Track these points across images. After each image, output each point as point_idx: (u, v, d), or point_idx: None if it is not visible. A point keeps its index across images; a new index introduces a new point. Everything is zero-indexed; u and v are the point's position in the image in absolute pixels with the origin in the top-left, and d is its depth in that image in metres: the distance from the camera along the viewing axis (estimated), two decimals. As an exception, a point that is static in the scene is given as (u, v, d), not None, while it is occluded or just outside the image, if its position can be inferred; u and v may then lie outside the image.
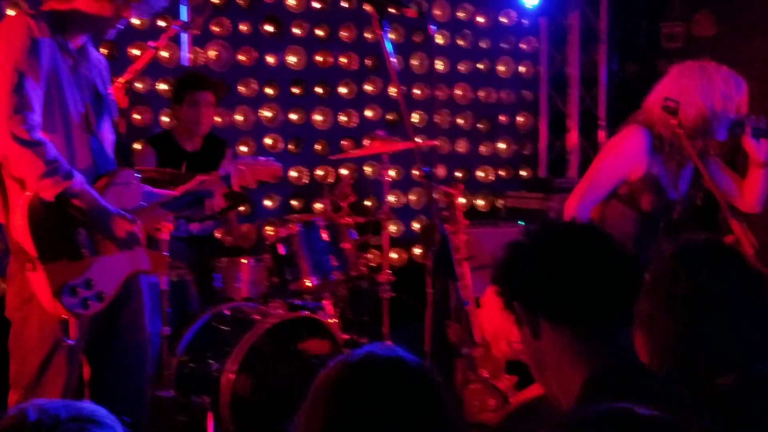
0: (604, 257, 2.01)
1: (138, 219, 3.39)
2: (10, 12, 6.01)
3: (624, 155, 4.07)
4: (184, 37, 5.16)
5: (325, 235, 5.25)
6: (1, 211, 3.32)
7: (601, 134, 8.01)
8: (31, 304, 3.26)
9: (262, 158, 4.23)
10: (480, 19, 7.96)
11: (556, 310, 1.99)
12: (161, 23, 6.24)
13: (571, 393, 1.94)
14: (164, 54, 6.39)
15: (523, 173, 8.24)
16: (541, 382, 2.08)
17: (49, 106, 3.27)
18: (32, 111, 3.18)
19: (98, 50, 3.75)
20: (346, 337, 5.14)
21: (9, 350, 3.39)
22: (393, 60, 3.25)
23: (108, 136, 3.55)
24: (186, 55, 4.73)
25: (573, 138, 8.09)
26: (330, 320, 5.15)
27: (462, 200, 5.69)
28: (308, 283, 5.19)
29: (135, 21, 5.78)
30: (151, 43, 4.51)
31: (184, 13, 4.60)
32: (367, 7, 7.18)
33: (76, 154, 3.32)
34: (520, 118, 8.18)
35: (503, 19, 8.04)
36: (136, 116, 6.47)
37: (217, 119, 6.75)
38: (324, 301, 5.35)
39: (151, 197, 3.62)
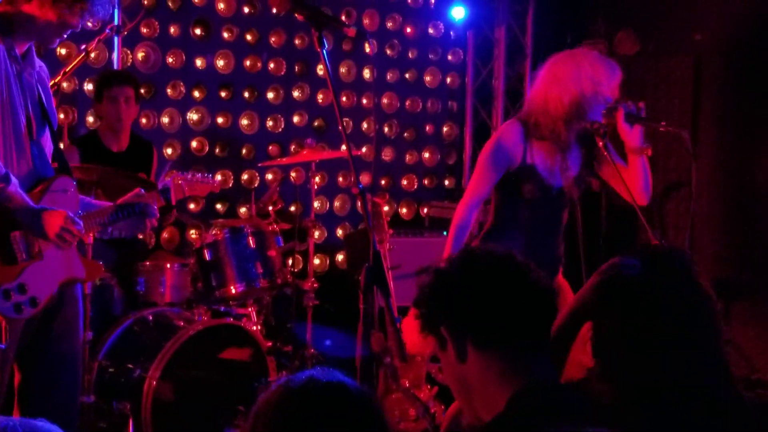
0: (526, 283, 2.07)
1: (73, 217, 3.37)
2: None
3: (498, 148, 4.15)
4: (116, 40, 5.13)
5: (251, 242, 5.26)
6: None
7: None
8: None
9: (199, 175, 4.24)
10: (408, 30, 8.05)
11: (483, 334, 2.04)
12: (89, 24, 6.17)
13: (495, 413, 2.00)
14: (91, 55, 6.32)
15: (447, 183, 8.35)
16: (464, 404, 2.12)
17: None
18: None
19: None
20: (269, 344, 5.15)
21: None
22: (329, 73, 3.27)
23: (48, 143, 3.53)
24: (117, 57, 4.71)
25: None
26: (254, 327, 5.17)
27: (386, 208, 5.77)
28: (233, 290, 5.20)
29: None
30: (83, 46, 4.50)
31: (117, 17, 4.58)
32: (298, 16, 7.30)
33: (16, 160, 3.30)
34: (445, 128, 8.29)
35: (431, 31, 8.14)
36: (61, 116, 6.39)
37: (143, 120, 6.73)
38: (248, 308, 5.36)
39: (88, 207, 3.60)
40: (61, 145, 5.86)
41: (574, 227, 6.81)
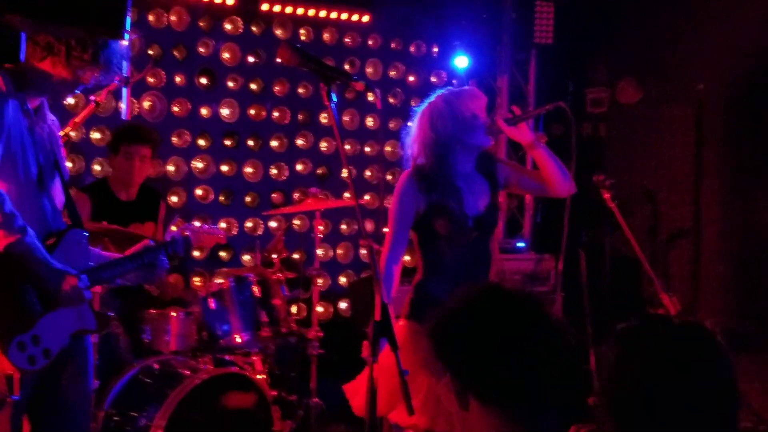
0: (535, 336, 2.03)
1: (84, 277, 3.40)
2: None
3: (401, 198, 4.22)
4: (124, 91, 5.15)
5: (256, 291, 5.27)
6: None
7: (528, 195, 8.18)
8: None
9: (206, 226, 4.26)
10: (411, 79, 8.13)
11: (484, 391, 2.01)
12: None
13: None
14: (98, 103, 6.38)
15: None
16: None
17: (4, 161, 3.27)
18: None
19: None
20: (274, 393, 5.15)
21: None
22: (336, 124, 3.30)
23: (59, 196, 3.56)
24: (125, 108, 4.75)
25: (499, 196, 8.23)
26: (259, 376, 5.16)
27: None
28: (238, 339, 5.21)
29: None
30: (92, 97, 4.55)
31: (125, 69, 4.61)
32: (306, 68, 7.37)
33: (28, 212, 3.32)
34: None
35: (434, 79, 8.21)
36: (69, 164, 6.43)
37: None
38: (253, 357, 5.36)
39: (99, 258, 3.62)
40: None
41: (578, 279, 6.84)
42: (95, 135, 6.60)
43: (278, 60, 3.33)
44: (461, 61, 7.92)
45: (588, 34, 8.20)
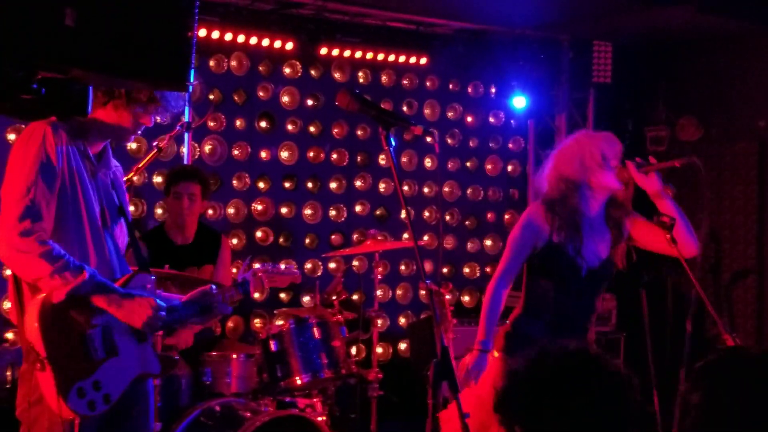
0: (598, 384, 2.06)
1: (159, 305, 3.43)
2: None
3: (524, 228, 4.22)
4: (186, 136, 5.28)
5: (316, 333, 5.28)
6: (16, 312, 3.37)
7: (587, 234, 8.13)
8: (41, 405, 3.27)
9: (282, 266, 4.27)
10: (469, 119, 8.16)
11: None
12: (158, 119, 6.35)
13: None
14: (160, 148, 6.49)
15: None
16: None
17: (64, 209, 3.33)
18: (40, 219, 3.24)
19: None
20: (334, 435, 5.14)
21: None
22: (395, 168, 3.32)
23: (122, 238, 3.61)
24: (187, 152, 4.84)
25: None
26: (319, 418, 5.16)
27: (449, 297, 5.77)
28: (298, 381, 5.21)
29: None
30: (155, 143, 4.63)
31: (187, 114, 4.72)
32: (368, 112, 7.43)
33: (91, 257, 3.37)
34: (506, 216, 8.31)
35: (492, 120, 8.24)
36: (132, 208, 6.54)
37: (209, 212, 6.85)
38: (313, 399, 5.36)
39: (165, 301, 3.65)
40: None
41: (640, 319, 6.75)
42: (157, 179, 6.71)
43: (340, 107, 3.36)
44: (519, 101, 7.93)
45: (647, 73, 8.17)
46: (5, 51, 1.62)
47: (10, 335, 6.12)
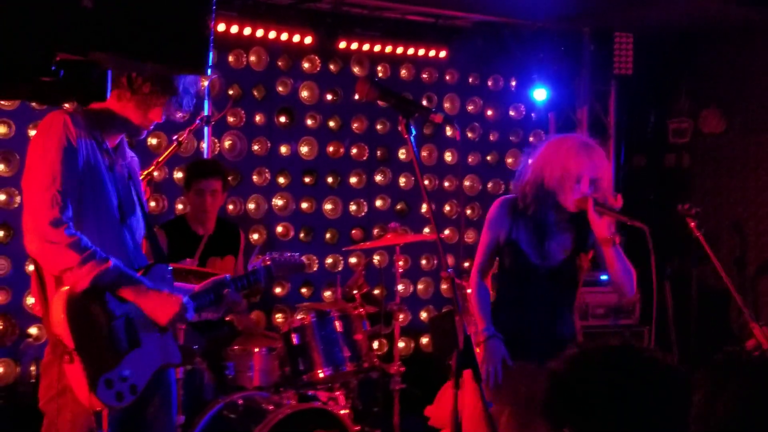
0: (643, 377, 2.06)
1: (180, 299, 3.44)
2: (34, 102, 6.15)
3: (489, 222, 4.25)
4: (206, 130, 5.27)
5: (338, 326, 5.27)
6: (40, 304, 3.38)
7: (610, 227, 8.08)
8: (65, 396, 3.28)
9: (287, 254, 4.27)
10: (489, 113, 8.12)
11: (605, 429, 2.03)
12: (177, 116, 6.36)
13: None
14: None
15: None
16: None
17: (83, 201, 3.34)
18: (66, 208, 3.25)
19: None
20: (357, 428, 5.13)
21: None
22: (417, 158, 3.31)
23: (140, 230, 3.61)
24: (207, 146, 4.82)
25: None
26: (342, 411, 5.15)
27: (470, 291, 5.73)
28: (321, 374, 5.20)
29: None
30: (174, 137, 4.63)
31: (206, 107, 4.70)
32: (382, 103, 7.41)
33: (109, 248, 3.37)
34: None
35: (512, 113, 8.20)
36: (152, 204, 6.55)
37: (230, 207, 6.85)
38: (336, 392, 5.35)
39: (183, 292, 3.65)
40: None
41: (664, 312, 6.70)
42: (177, 175, 6.71)
43: (357, 95, 3.35)
44: (540, 94, 7.89)
45: (669, 64, 8.11)
46: (24, 32, 1.61)
47: (33, 330, 6.14)
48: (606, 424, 2.03)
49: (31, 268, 3.45)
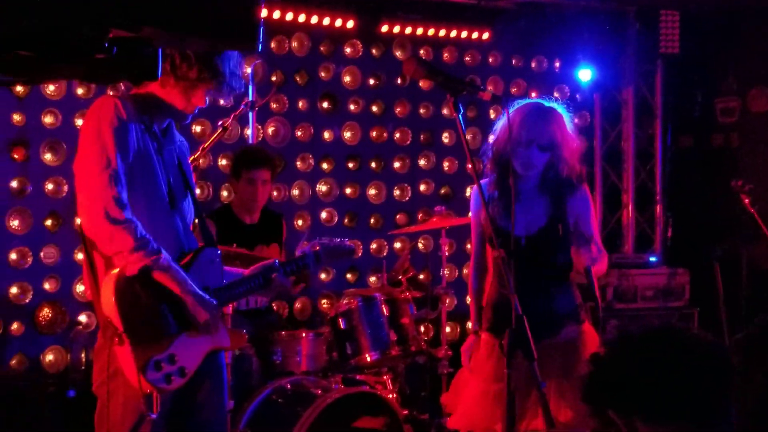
0: (686, 357, 2.04)
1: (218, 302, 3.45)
2: (80, 91, 6.19)
3: (471, 210, 4.26)
4: (250, 115, 5.26)
5: (384, 310, 5.26)
6: (91, 288, 3.39)
7: (658, 209, 8.00)
8: (116, 379, 3.30)
9: (337, 240, 4.25)
10: (533, 95, 8.03)
11: (649, 411, 2.02)
12: (222, 101, 6.37)
13: None
14: (225, 130, 6.51)
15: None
16: None
17: (133, 185, 3.35)
18: (122, 189, 3.26)
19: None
20: (405, 412, 5.12)
21: (95, 425, 3.41)
22: (464, 136, 3.28)
23: (190, 214, 3.62)
24: (251, 133, 4.82)
25: (629, 213, 8.07)
26: (389, 395, 5.14)
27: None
28: (368, 358, 5.20)
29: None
30: (219, 123, 4.63)
31: (251, 93, 4.70)
32: (425, 84, 7.37)
33: (160, 233, 3.37)
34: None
35: (556, 95, 8.11)
36: (197, 191, 6.57)
37: (274, 193, 6.86)
38: (383, 376, 5.35)
39: (231, 276, 3.66)
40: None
41: (714, 293, 6.62)
42: (222, 162, 6.73)
43: (404, 73, 3.32)
44: (585, 75, 7.81)
45: (716, 42, 7.97)
46: (77, 9, 1.60)
47: (83, 318, 6.19)
48: (649, 406, 2.01)
49: (80, 256, 3.46)
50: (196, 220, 3.69)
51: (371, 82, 7.37)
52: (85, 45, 1.62)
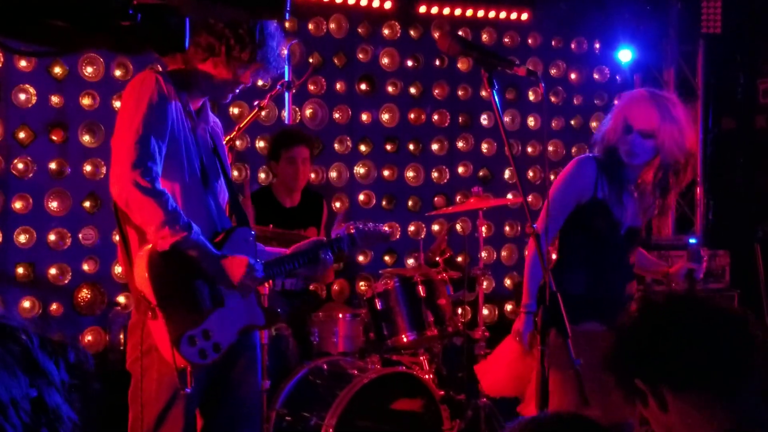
0: (712, 322, 2.02)
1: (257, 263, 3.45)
2: (118, 72, 6.23)
3: (570, 182, 3.99)
4: (287, 96, 5.24)
5: (421, 291, 5.25)
6: (124, 264, 3.41)
7: (699, 191, 7.90)
8: (151, 355, 3.31)
9: (371, 224, 4.24)
10: (573, 76, 7.97)
11: (677, 377, 2.00)
12: (260, 82, 6.37)
13: None
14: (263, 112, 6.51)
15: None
16: None
17: (169, 161, 3.36)
18: (155, 163, 3.27)
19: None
20: (442, 393, 5.11)
21: (128, 401, 3.44)
22: (500, 113, 3.25)
23: (223, 194, 3.63)
24: (288, 114, 4.81)
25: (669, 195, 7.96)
26: (426, 376, 5.13)
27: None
28: (405, 339, 5.19)
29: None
30: (256, 103, 4.64)
31: (287, 73, 4.69)
32: (463, 66, 7.32)
33: (194, 211, 3.38)
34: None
35: (596, 76, 8.03)
36: (235, 173, 6.60)
37: (312, 175, 6.86)
38: (420, 357, 5.34)
39: (266, 255, 3.66)
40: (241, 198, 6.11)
41: (755, 275, 6.53)
42: (260, 144, 6.75)
43: (439, 48, 3.29)
44: (625, 55, 7.71)
45: (759, 22, 7.84)
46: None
47: (121, 299, 6.25)
48: (675, 374, 1.99)
49: (116, 238, 3.48)
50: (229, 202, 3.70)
51: (409, 63, 7.34)
52: (109, 12, 1.61)
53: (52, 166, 6.13)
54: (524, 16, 7.60)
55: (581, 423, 1.82)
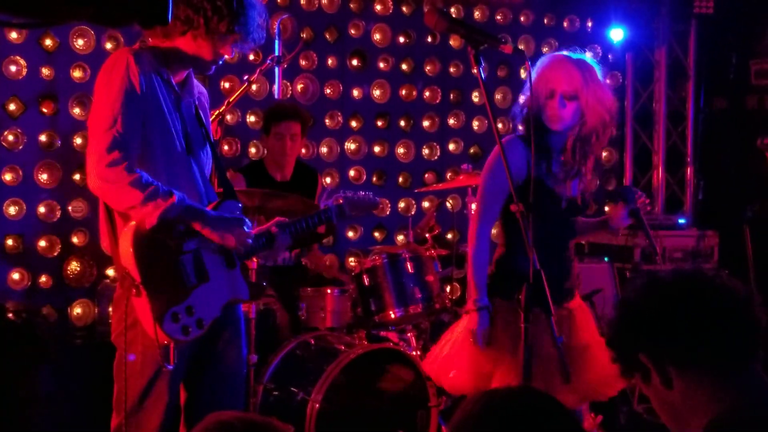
0: (716, 295, 2.04)
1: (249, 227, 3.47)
2: (109, 45, 6.21)
3: (496, 165, 3.83)
4: (276, 71, 5.23)
5: (409, 267, 5.26)
6: (110, 241, 3.41)
7: (689, 171, 7.91)
8: (135, 329, 3.33)
9: (361, 192, 4.23)
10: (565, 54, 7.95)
11: (681, 352, 2.01)
12: (251, 57, 6.37)
13: None
14: (253, 87, 6.50)
15: (606, 209, 8.15)
16: (676, 430, 2.10)
17: (149, 139, 3.35)
18: (126, 148, 3.25)
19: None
20: (428, 369, 5.12)
21: (113, 375, 3.45)
22: (487, 91, 3.25)
23: (208, 165, 3.63)
24: (278, 88, 4.80)
25: (659, 174, 8.00)
26: (413, 352, 5.15)
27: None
28: (392, 315, 5.21)
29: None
30: (245, 77, 4.63)
31: (277, 48, 4.69)
32: (455, 43, 7.31)
33: (180, 185, 3.38)
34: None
35: (588, 54, 8.00)
36: (225, 147, 6.60)
37: (303, 151, 6.86)
38: (407, 333, 5.36)
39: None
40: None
41: (744, 255, 6.55)
42: (251, 118, 6.74)
43: (426, 24, 3.28)
44: (617, 34, 7.71)
45: (751, 2, 7.83)
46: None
47: (111, 272, 6.25)
48: (684, 350, 2.01)
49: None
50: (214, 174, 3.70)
51: (401, 39, 7.32)
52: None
53: (42, 138, 6.12)
54: (517, -6, 7.58)
55: (533, 395, 1.83)
